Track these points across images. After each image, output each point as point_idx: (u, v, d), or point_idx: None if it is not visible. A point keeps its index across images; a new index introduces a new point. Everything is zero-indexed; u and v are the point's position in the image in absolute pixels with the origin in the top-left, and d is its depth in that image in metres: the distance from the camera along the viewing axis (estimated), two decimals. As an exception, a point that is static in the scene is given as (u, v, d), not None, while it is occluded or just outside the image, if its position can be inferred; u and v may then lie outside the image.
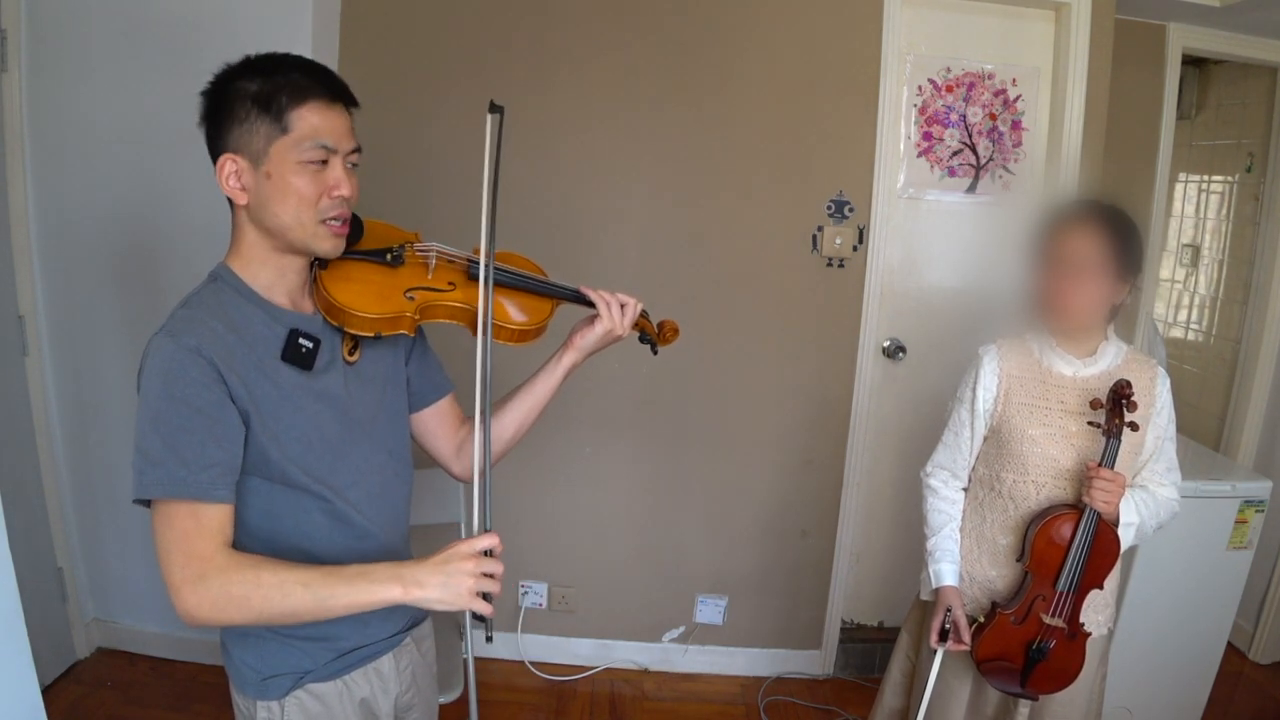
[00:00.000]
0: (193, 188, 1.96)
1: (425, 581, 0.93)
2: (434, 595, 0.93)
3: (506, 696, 2.44)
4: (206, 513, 0.93)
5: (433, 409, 1.27)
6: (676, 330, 1.35)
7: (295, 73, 0.99)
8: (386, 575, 0.93)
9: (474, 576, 0.94)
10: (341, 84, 1.03)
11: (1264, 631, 2.73)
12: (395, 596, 0.92)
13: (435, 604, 0.93)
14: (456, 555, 0.95)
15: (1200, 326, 3.26)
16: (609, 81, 2.29)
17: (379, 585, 0.92)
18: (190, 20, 2.05)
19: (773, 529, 2.55)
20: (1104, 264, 1.42)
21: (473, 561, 0.94)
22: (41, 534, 2.28)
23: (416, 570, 0.94)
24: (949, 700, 1.61)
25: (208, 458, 0.94)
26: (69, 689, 2.28)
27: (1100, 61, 2.33)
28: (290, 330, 1.04)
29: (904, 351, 2.55)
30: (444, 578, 0.93)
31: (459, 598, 0.93)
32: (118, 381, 2.26)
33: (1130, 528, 1.45)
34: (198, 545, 0.92)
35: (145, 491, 0.92)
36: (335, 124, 1.01)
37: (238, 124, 0.98)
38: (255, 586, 0.91)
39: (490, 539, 0.97)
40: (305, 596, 0.91)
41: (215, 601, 0.90)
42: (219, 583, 0.91)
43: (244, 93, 0.98)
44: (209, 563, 0.91)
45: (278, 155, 0.98)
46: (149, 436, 0.93)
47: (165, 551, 0.92)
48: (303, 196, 1.00)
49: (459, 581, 0.93)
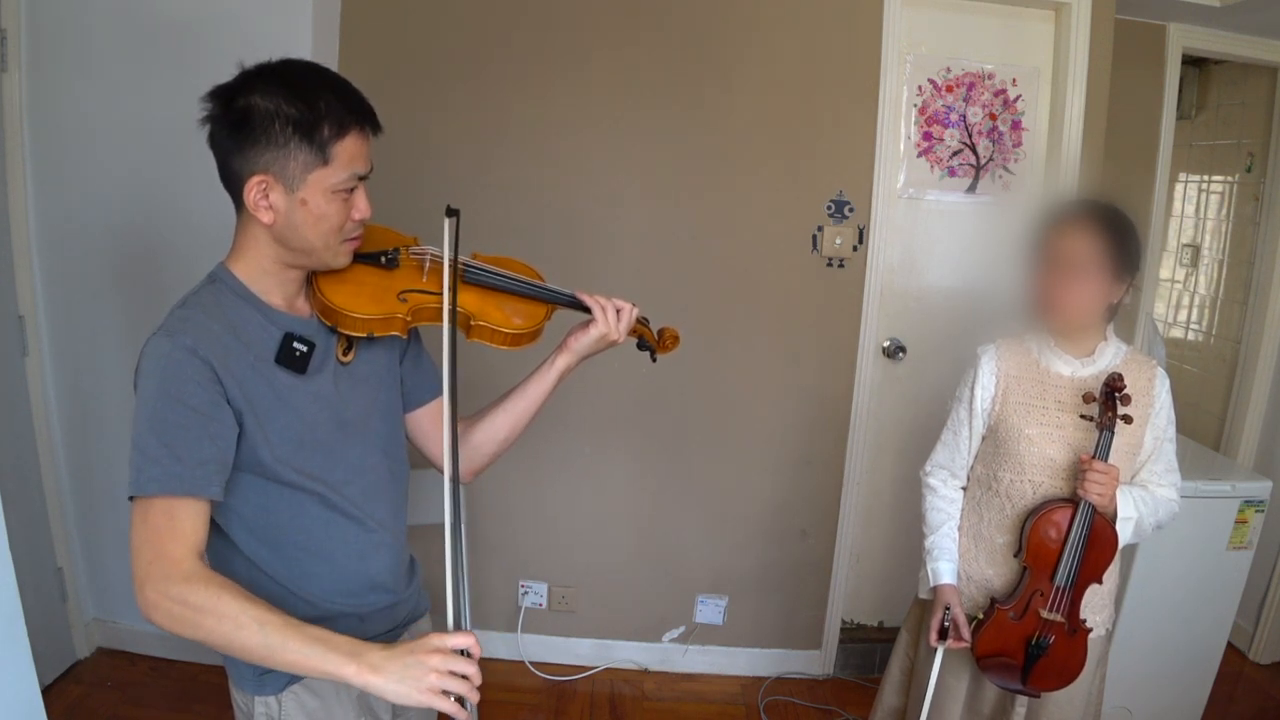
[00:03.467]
0: (193, 188, 1.96)
1: (382, 668, 0.86)
2: (388, 685, 0.86)
3: (506, 696, 2.44)
4: (183, 511, 0.93)
5: (426, 409, 1.27)
6: (677, 338, 1.33)
7: (331, 97, 0.99)
8: (345, 650, 0.87)
9: (437, 673, 0.86)
10: (373, 112, 1.04)
11: (1264, 631, 2.73)
12: (347, 674, 0.86)
13: (389, 695, 0.86)
14: (421, 648, 0.88)
15: (1200, 326, 3.25)
16: (608, 81, 2.30)
17: (333, 657, 0.87)
18: (190, 20, 2.05)
19: (772, 529, 2.55)
20: (1100, 263, 1.42)
21: (438, 656, 0.87)
22: (41, 534, 2.28)
23: (377, 654, 0.87)
24: (946, 698, 1.62)
25: (202, 454, 0.94)
26: (69, 689, 2.28)
27: (1100, 61, 2.33)
28: (285, 334, 1.05)
29: (904, 351, 2.55)
30: (401, 668, 0.86)
31: (415, 692, 0.86)
32: (118, 382, 2.26)
33: (1129, 522, 1.45)
34: (169, 546, 0.91)
35: (142, 489, 0.92)
36: (366, 152, 1.03)
37: (275, 147, 0.97)
38: (213, 607, 0.87)
39: (464, 638, 0.90)
40: (255, 637, 0.87)
41: (170, 608, 0.88)
42: (179, 590, 0.88)
43: (282, 116, 0.96)
44: (176, 566, 0.90)
45: (315, 184, 0.99)
46: (146, 435, 0.94)
47: (137, 547, 0.92)
48: (333, 223, 1.02)
49: (418, 675, 0.86)
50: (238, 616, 0.88)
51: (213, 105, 0.99)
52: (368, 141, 1.03)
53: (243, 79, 0.99)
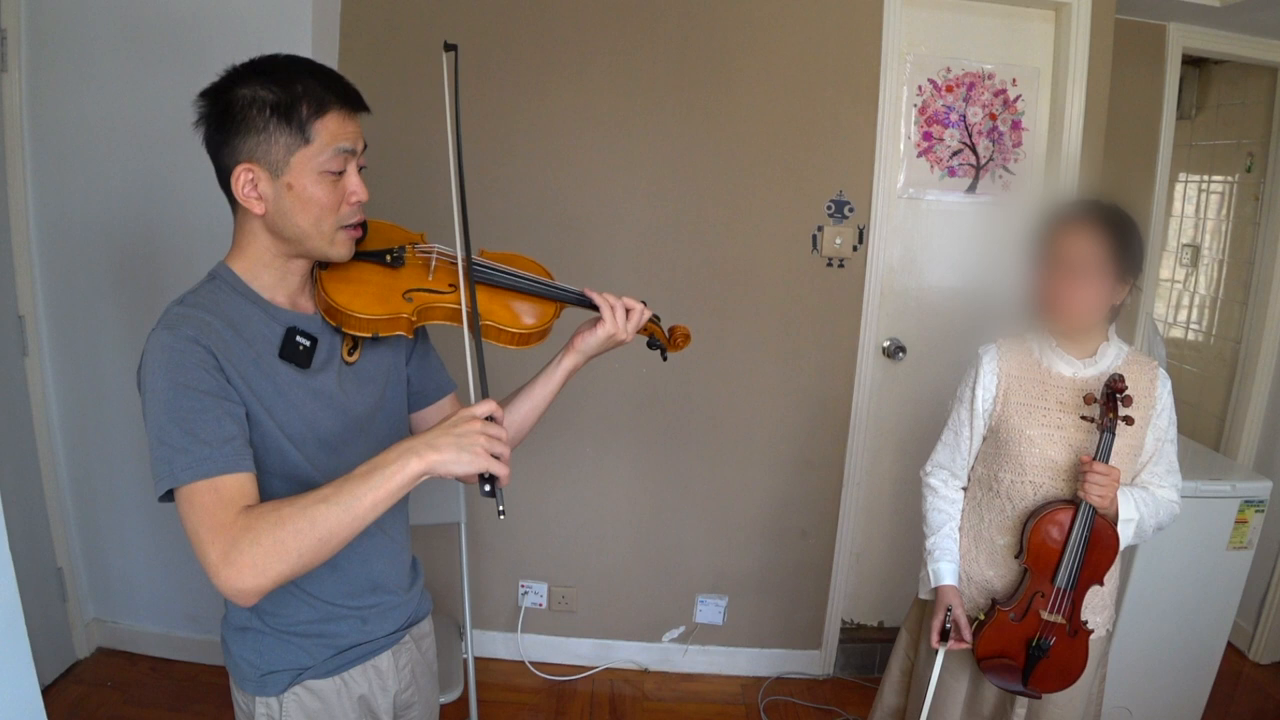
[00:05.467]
0: (193, 188, 1.97)
1: (438, 444, 0.91)
2: (451, 456, 0.90)
3: (506, 696, 2.44)
4: (226, 485, 0.92)
5: (434, 408, 1.27)
6: (688, 336, 1.32)
7: (310, 79, 0.99)
8: (398, 453, 0.91)
9: (484, 436, 0.92)
10: (356, 91, 1.03)
11: (1264, 631, 2.73)
12: (416, 468, 0.90)
13: (453, 465, 0.90)
14: (460, 420, 0.93)
15: (1200, 326, 3.25)
16: (609, 82, 2.29)
17: (396, 466, 0.90)
18: (190, 20, 2.05)
19: (772, 529, 2.55)
20: (1103, 264, 1.42)
21: (477, 423, 0.92)
22: (41, 534, 2.28)
23: (426, 438, 0.91)
24: (946, 699, 1.62)
25: (225, 432, 0.93)
26: (69, 689, 2.28)
27: (1100, 61, 2.33)
28: (288, 328, 1.04)
29: (904, 351, 2.55)
30: (455, 439, 0.91)
31: (476, 456, 0.90)
32: (118, 382, 2.26)
33: (1130, 524, 1.44)
34: (220, 516, 0.89)
35: (177, 480, 0.90)
36: (351, 129, 1.02)
37: (255, 133, 0.97)
38: (280, 526, 0.87)
39: (489, 405, 0.95)
40: (332, 512, 0.88)
41: (253, 562, 0.87)
42: (248, 541, 0.87)
43: (260, 102, 0.96)
44: (232, 528, 0.89)
45: (299, 165, 0.99)
46: (167, 427, 0.92)
47: (194, 533, 0.90)
48: (324, 205, 1.01)
49: (472, 440, 0.91)
50: (305, 512, 0.88)
51: (203, 104, 1.00)
52: (353, 121, 1.02)
53: (227, 75, 1.00)
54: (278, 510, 0.89)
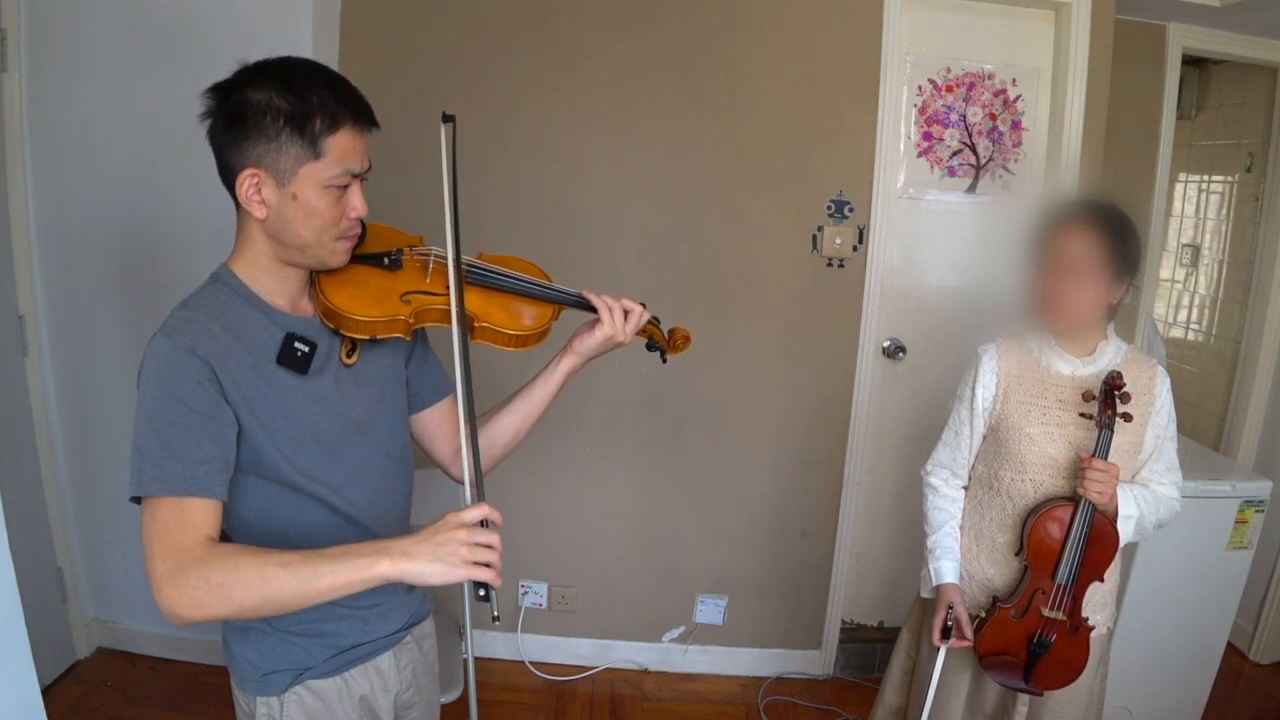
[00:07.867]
0: (193, 187, 1.96)
1: (413, 552, 0.87)
2: (424, 567, 0.87)
3: (506, 696, 2.44)
4: (191, 507, 0.92)
5: (432, 410, 1.26)
6: (688, 339, 1.31)
7: (325, 91, 0.98)
8: (372, 550, 0.88)
9: (467, 546, 0.88)
10: (369, 106, 1.03)
11: (1264, 631, 2.73)
12: (382, 571, 0.87)
13: (428, 576, 0.87)
14: (444, 526, 0.90)
15: (1200, 326, 3.26)
16: (609, 82, 2.30)
17: (365, 561, 0.87)
18: (190, 20, 2.05)
19: (773, 529, 2.55)
20: (1100, 263, 1.42)
21: (463, 531, 0.89)
22: (41, 534, 2.28)
23: (403, 542, 0.89)
24: (948, 697, 1.62)
25: (202, 454, 0.94)
26: (69, 689, 2.28)
27: (1100, 61, 2.33)
28: (286, 334, 1.04)
29: (904, 351, 2.55)
30: (433, 549, 0.87)
31: (452, 567, 0.87)
32: (118, 381, 2.26)
33: (1130, 520, 1.45)
34: (179, 538, 0.90)
35: (143, 489, 0.92)
36: (360, 148, 1.02)
37: (266, 140, 0.97)
38: (234, 572, 0.86)
39: (482, 509, 0.92)
40: (287, 580, 0.86)
41: (195, 595, 0.86)
42: (198, 574, 0.87)
43: (274, 109, 0.96)
44: (188, 554, 0.88)
45: (306, 178, 0.98)
46: (146, 435, 0.93)
47: (149, 543, 0.90)
48: (326, 219, 1.01)
49: (450, 551, 0.87)
50: (262, 569, 0.87)
51: (211, 100, 1.00)
52: (363, 138, 1.02)
53: (240, 75, 0.99)
54: (237, 556, 0.89)
